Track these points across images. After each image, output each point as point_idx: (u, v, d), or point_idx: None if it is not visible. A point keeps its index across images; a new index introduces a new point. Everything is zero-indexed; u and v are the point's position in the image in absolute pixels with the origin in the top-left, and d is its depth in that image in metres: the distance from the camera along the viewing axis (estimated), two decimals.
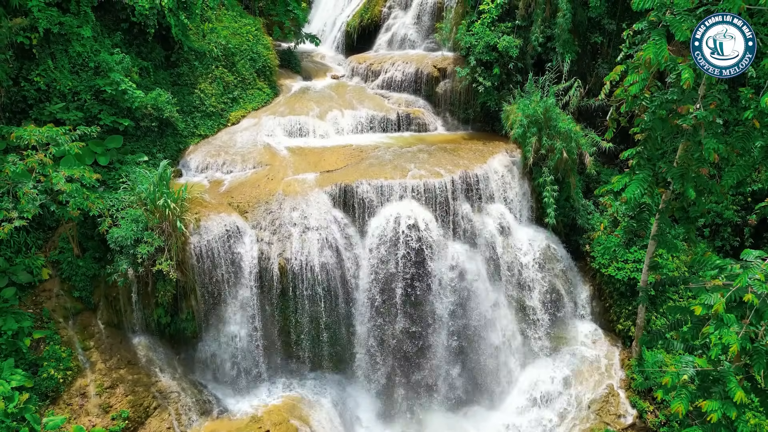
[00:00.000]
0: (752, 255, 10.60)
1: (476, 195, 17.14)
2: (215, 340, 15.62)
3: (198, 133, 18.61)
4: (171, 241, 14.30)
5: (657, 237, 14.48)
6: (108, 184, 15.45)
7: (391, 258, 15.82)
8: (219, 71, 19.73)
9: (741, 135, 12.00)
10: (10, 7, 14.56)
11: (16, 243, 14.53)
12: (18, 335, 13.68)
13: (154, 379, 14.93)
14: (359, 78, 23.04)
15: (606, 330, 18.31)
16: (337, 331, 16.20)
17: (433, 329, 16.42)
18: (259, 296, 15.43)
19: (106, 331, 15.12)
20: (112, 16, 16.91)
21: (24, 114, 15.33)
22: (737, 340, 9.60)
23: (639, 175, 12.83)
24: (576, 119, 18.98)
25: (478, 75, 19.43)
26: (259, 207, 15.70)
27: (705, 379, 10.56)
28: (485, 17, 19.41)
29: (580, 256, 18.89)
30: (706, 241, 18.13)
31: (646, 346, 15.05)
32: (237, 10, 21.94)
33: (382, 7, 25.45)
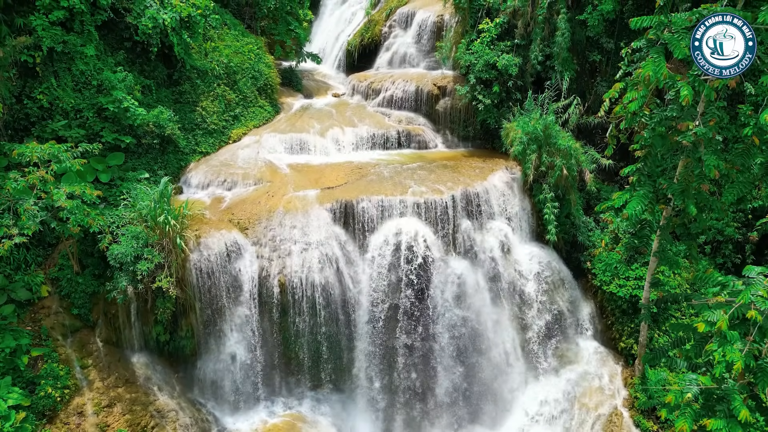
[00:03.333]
0: (754, 271, 10.53)
1: (477, 212, 17.13)
2: (214, 358, 15.48)
3: (199, 150, 18.70)
4: (171, 258, 14.26)
5: (658, 254, 14.43)
6: (109, 201, 15.47)
7: (391, 275, 15.76)
8: (221, 89, 19.88)
9: (741, 152, 12.03)
10: (14, 25, 14.75)
11: (16, 260, 14.50)
12: (16, 353, 13.58)
13: (152, 398, 14.77)
14: (360, 96, 23.20)
15: (608, 348, 18.14)
16: (337, 349, 16.07)
17: (434, 347, 16.28)
18: (258, 313, 15.34)
19: (104, 349, 15.00)
20: (116, 35, 17.10)
21: (26, 131, 15.42)
22: (741, 358, 9.49)
23: (639, 191, 12.83)
24: (575, 136, 19.05)
25: (477, 93, 19.58)
26: (259, 224, 15.69)
27: (709, 398, 10.42)
28: (485, 36, 19.61)
29: (581, 273, 18.80)
30: (707, 258, 18.06)
31: (649, 365, 14.88)
32: (239, 29, 22.22)
33: (382, 27, 25.74)
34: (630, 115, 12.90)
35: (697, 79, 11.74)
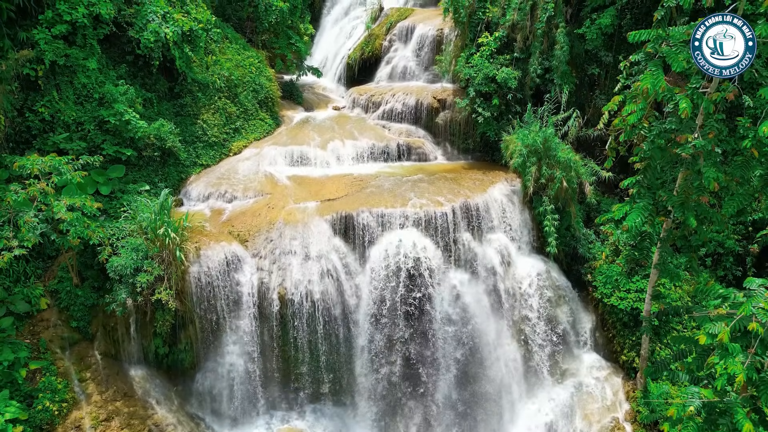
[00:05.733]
0: (755, 283, 10.48)
1: (477, 224, 17.13)
2: (213, 371, 15.39)
3: (200, 163, 18.75)
4: (171, 270, 14.24)
5: (659, 266, 14.39)
6: (109, 213, 15.48)
7: (391, 287, 15.72)
8: (222, 102, 19.99)
9: (740, 164, 12.04)
10: (17, 39, 14.86)
11: (16, 272, 14.49)
12: (14, 366, 13.51)
13: (150, 412, 14.66)
14: (360, 109, 23.31)
15: (610, 361, 18.04)
16: (337, 362, 15.97)
17: (434, 360, 16.19)
18: (258, 326, 15.27)
19: (103, 362, 14.92)
20: (118, 49, 17.24)
21: (27, 144, 15.47)
22: (743, 370, 9.42)
23: (639, 203, 12.83)
24: (575, 149, 19.11)
25: (477, 106, 19.69)
26: (259, 236, 15.68)
27: (712, 411, 10.33)
28: (484, 50, 19.75)
29: (581, 285, 18.75)
30: (708, 271, 18.01)
31: (651, 378, 14.80)
32: (240, 43, 22.39)
33: (382, 41, 25.93)
34: (629, 127, 12.93)
35: (696, 92, 11.80)
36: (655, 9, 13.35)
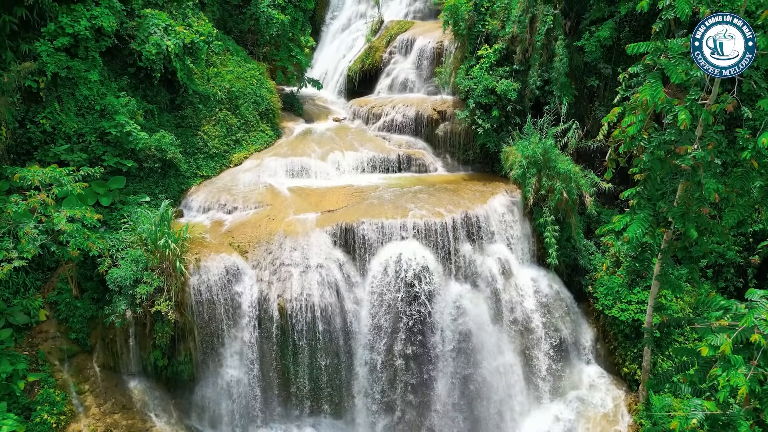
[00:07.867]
0: (757, 295, 10.44)
1: (477, 235, 17.12)
2: (212, 383, 15.29)
3: (200, 174, 18.79)
4: (170, 282, 14.20)
5: (660, 277, 14.35)
6: (109, 225, 15.47)
7: (391, 298, 15.66)
8: (223, 114, 20.07)
9: (740, 175, 12.06)
10: (19, 51, 14.95)
11: (15, 283, 14.45)
12: (12, 378, 13.42)
13: (148, 425, 14.54)
14: (360, 121, 23.39)
15: (612, 373, 17.93)
16: (337, 374, 15.87)
17: (435, 372, 16.08)
18: (258, 338, 15.19)
19: (101, 374, 14.83)
20: (120, 61, 17.34)
21: (29, 155, 15.51)
22: (746, 382, 9.36)
23: (640, 214, 12.83)
24: (575, 160, 19.15)
25: (477, 117, 19.75)
26: (259, 247, 15.66)
27: (715, 424, 10.24)
28: (484, 62, 19.86)
29: (582, 297, 18.69)
30: (709, 282, 17.97)
31: (653, 390, 14.68)
32: (241, 55, 22.54)
33: (382, 53, 26.10)
34: (628, 138, 12.96)
35: (695, 104, 11.84)
36: (653, 21, 13.48)
